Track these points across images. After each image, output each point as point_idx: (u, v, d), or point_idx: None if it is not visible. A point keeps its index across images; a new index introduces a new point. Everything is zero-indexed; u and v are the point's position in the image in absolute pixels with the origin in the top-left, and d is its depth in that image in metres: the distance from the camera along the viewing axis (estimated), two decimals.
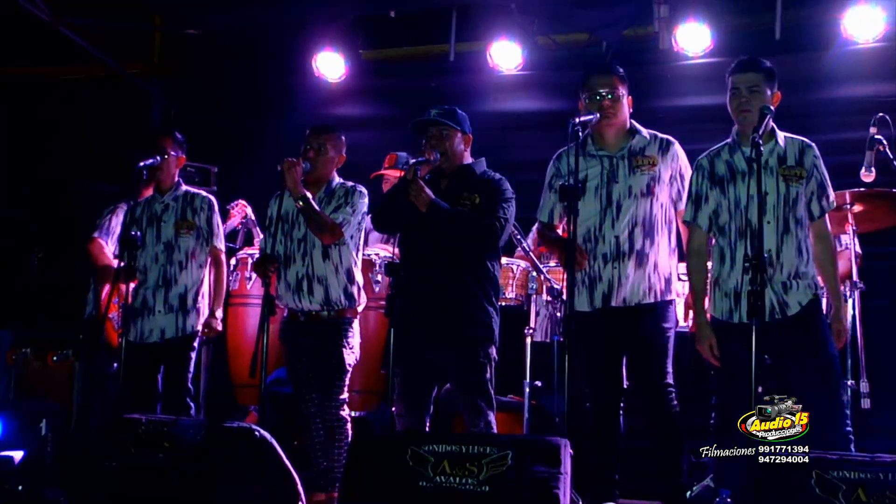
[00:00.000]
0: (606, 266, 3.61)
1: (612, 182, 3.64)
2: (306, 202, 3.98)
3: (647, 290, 3.60)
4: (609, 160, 3.67)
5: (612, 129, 3.67)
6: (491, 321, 3.81)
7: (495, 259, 3.88)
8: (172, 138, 4.52)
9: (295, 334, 4.15)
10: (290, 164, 3.98)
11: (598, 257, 3.61)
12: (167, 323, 4.36)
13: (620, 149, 3.67)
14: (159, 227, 4.46)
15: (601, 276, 3.61)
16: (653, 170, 3.64)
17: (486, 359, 3.79)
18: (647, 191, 3.62)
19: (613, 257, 3.60)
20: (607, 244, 3.61)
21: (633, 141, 3.68)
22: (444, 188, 3.86)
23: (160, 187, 4.52)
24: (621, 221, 3.60)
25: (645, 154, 3.65)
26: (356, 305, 4.16)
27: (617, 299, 3.60)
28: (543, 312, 5.01)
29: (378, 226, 4.04)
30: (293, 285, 4.12)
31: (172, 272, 4.39)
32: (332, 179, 4.24)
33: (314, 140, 4.17)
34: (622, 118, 3.67)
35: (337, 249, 4.12)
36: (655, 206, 3.62)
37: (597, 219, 3.62)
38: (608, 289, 3.60)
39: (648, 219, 3.61)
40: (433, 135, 3.87)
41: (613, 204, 3.62)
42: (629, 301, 3.60)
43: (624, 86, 3.68)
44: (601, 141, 3.69)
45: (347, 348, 4.09)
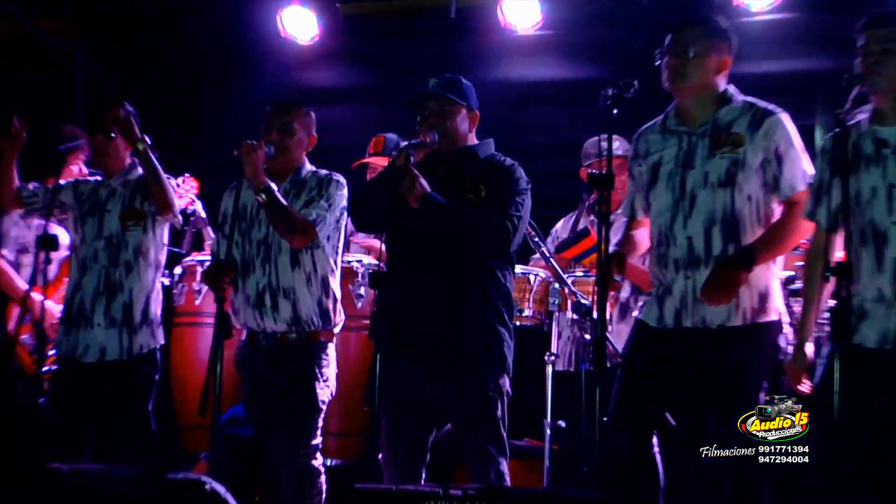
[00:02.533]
0: (678, 275, 3.57)
1: (687, 167, 3.60)
2: (270, 195, 3.99)
3: (733, 308, 3.51)
4: (688, 138, 3.62)
5: (690, 97, 3.62)
6: (502, 345, 3.82)
7: (508, 267, 3.90)
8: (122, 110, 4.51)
9: (255, 362, 4.17)
10: (250, 147, 4.00)
11: (670, 264, 3.58)
12: (108, 340, 4.37)
13: (703, 123, 3.61)
14: (102, 217, 4.47)
15: (671, 289, 3.58)
16: (736, 152, 3.54)
17: (497, 393, 3.80)
18: (726, 179, 3.54)
19: (686, 264, 3.56)
20: (678, 247, 3.57)
21: (721, 113, 3.61)
22: (442, 177, 3.88)
23: (107, 171, 4.54)
24: (695, 218, 3.56)
25: (731, 131, 3.58)
26: (333, 326, 4.18)
27: (692, 318, 3.54)
28: (568, 334, 5.03)
29: (357, 223, 4.06)
30: (253, 300, 4.13)
31: (118, 277, 4.40)
32: (302, 167, 4.25)
33: (278, 118, 4.19)
34: (700, 82, 3.59)
35: (309, 254, 4.13)
36: (739, 198, 3.53)
37: (668, 215, 3.59)
38: (681, 304, 3.55)
39: (730, 215, 3.53)
40: (431, 111, 3.88)
41: (687, 196, 3.58)
42: (710, 321, 3.52)
43: (710, 42, 3.60)
44: (683, 113, 3.65)
45: (321, 380, 4.11)
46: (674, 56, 3.58)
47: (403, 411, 3.82)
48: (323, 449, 4.16)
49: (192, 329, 5.08)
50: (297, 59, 6.30)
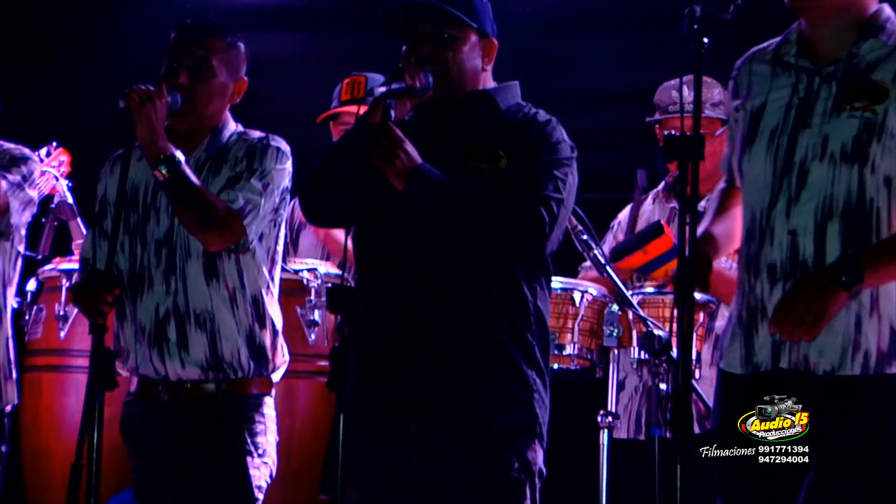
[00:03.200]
0: (775, 289, 3.56)
1: (800, 124, 3.59)
2: (175, 169, 4.02)
3: (850, 348, 3.51)
4: (808, 79, 3.62)
5: (825, 18, 3.60)
6: (532, 398, 3.84)
7: (540, 279, 3.92)
8: None
9: (152, 427, 4.20)
10: (145, 96, 4.03)
11: (763, 270, 3.59)
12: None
13: (834, 60, 3.61)
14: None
15: (766, 310, 3.57)
16: (872, 110, 3.54)
17: (525, 472, 3.81)
18: (854, 150, 3.52)
19: (786, 273, 3.56)
20: (776, 246, 3.58)
21: (863, 47, 3.60)
22: (440, 138, 3.92)
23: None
24: (804, 205, 3.56)
25: (871, 77, 3.58)
26: (270, 370, 4.22)
27: (791, 356, 3.55)
28: (634, 384, 5.03)
29: (310, 211, 4.08)
30: (149, 331, 4.17)
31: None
32: (224, 126, 4.31)
33: (188, 51, 4.23)
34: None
35: (233, 261, 4.17)
36: (871, 182, 3.53)
37: (766, 194, 3.59)
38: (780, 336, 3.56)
39: (856, 206, 3.53)
40: (423, 35, 3.90)
41: (794, 168, 3.58)
42: (817, 366, 3.52)
43: None
44: (808, 41, 3.64)
45: (255, 455, 4.14)
46: None
47: (381, 500, 3.84)
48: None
49: (54, 375, 5.16)
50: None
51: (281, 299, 4.34)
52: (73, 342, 5.05)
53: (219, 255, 4.15)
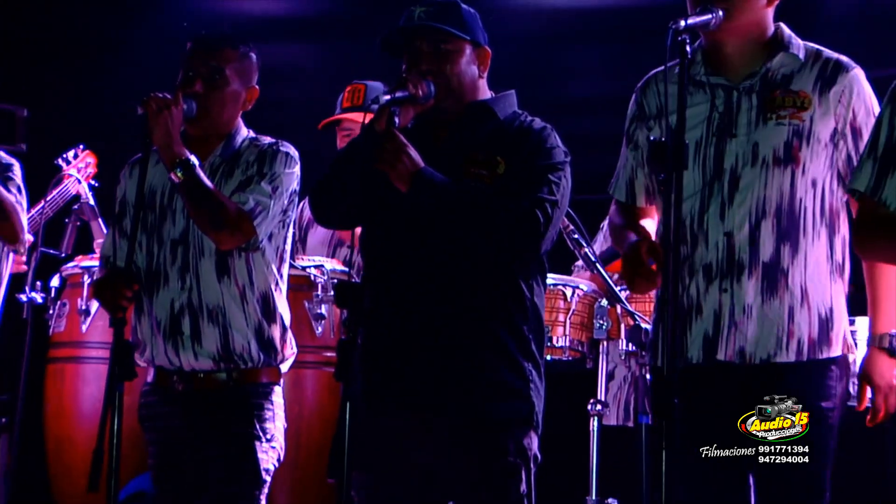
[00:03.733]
0: (711, 288, 3.61)
1: (726, 135, 3.64)
2: (189, 172, 4.02)
3: (784, 337, 3.58)
4: (726, 94, 3.67)
5: (735, 39, 3.66)
6: (528, 388, 3.84)
7: (536, 276, 3.92)
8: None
9: (168, 414, 4.20)
10: (162, 104, 4.03)
11: (699, 271, 3.63)
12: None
13: (749, 74, 3.67)
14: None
15: (702, 307, 3.62)
16: (799, 117, 3.61)
17: (521, 457, 3.82)
18: (787, 155, 3.59)
19: (722, 272, 3.60)
20: (711, 248, 3.62)
21: (774, 62, 3.67)
22: (441, 145, 3.91)
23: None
24: (737, 208, 3.60)
25: (790, 87, 3.64)
26: (279, 361, 4.22)
27: (727, 350, 3.60)
28: (623, 374, 5.04)
29: (318, 213, 4.07)
30: (164, 325, 4.16)
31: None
32: (237, 132, 4.30)
33: (203, 61, 4.23)
34: (754, 18, 3.65)
35: (243, 260, 4.17)
36: (801, 183, 3.60)
37: (696, 201, 3.63)
38: (713, 329, 3.61)
39: (788, 207, 3.60)
40: (422, 53, 3.90)
41: (725, 175, 3.62)
42: (751, 355, 3.58)
43: None
44: (719, 59, 3.70)
45: (264, 440, 4.14)
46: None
47: (385, 485, 3.85)
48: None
49: (76, 366, 5.15)
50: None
51: (290, 294, 4.34)
52: (94, 335, 5.05)
53: (230, 253, 4.14)
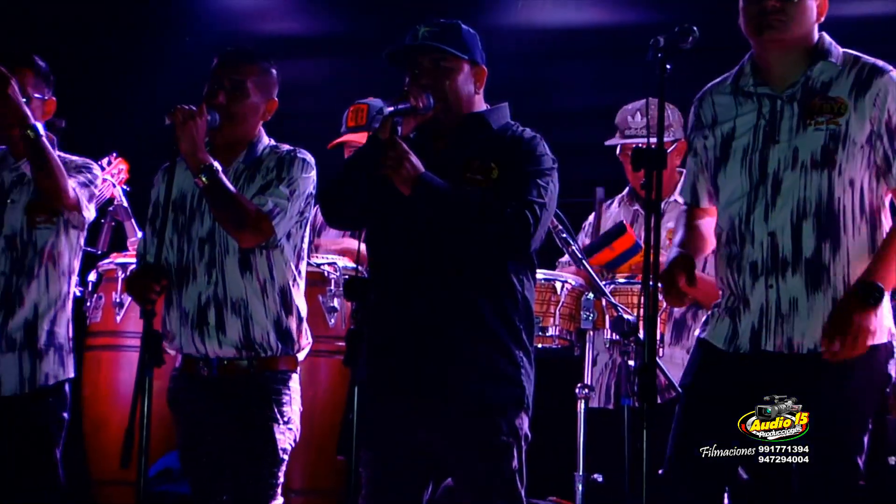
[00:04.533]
0: (758, 283, 3.58)
1: (770, 141, 3.60)
2: (213, 177, 4.02)
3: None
4: (771, 103, 3.63)
5: (779, 50, 3.61)
6: (519, 373, 3.84)
7: (526, 271, 3.91)
8: (33, 70, 4.53)
9: (195, 398, 4.19)
10: (187, 115, 4.03)
11: (745, 268, 3.59)
12: (6, 368, 4.43)
13: (791, 84, 3.61)
14: (3, 209, 4.53)
15: (748, 301, 3.59)
16: (835, 122, 3.54)
17: (513, 436, 3.81)
18: (823, 158, 3.54)
19: (768, 269, 3.56)
20: (757, 247, 3.58)
21: (815, 70, 3.61)
22: (440, 153, 3.90)
23: (14, 150, 4.57)
24: (780, 209, 3.57)
25: (829, 94, 3.58)
26: (296, 350, 4.22)
27: (774, 340, 3.56)
28: (606, 360, 5.04)
29: (330, 216, 4.07)
30: (192, 316, 4.16)
31: (19, 286, 4.46)
32: (258, 141, 4.29)
33: (226, 75, 4.22)
34: (800, 31, 3.58)
35: (264, 257, 4.16)
36: (838, 184, 3.54)
37: (743, 203, 3.60)
38: (760, 321, 3.57)
39: (826, 207, 3.54)
40: (423, 68, 3.90)
41: (769, 179, 3.58)
42: (798, 345, 3.54)
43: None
44: (765, 70, 3.65)
45: (282, 422, 4.13)
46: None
47: (389, 461, 3.84)
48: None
49: (111, 354, 5.16)
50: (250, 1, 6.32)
51: (306, 289, 4.32)
52: (127, 325, 5.04)
53: (252, 251, 4.13)
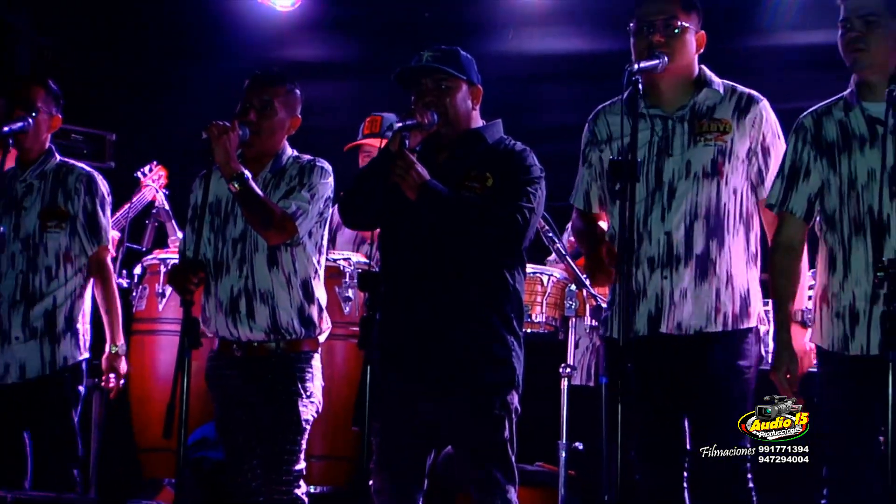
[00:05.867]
0: (653, 275, 3.63)
1: (665, 155, 3.66)
2: (244, 184, 4.02)
3: (712, 313, 3.60)
4: (663, 123, 3.69)
5: (668, 79, 3.67)
6: (511, 356, 3.84)
7: (517, 266, 3.91)
8: (45, 88, 4.55)
9: (228, 375, 4.19)
10: (222, 130, 4.02)
11: (643, 262, 3.63)
12: (28, 354, 4.42)
13: (680, 107, 3.68)
14: (18, 216, 4.51)
15: (646, 291, 3.63)
16: (722, 139, 3.64)
17: (505, 410, 3.82)
18: (713, 170, 3.62)
19: (663, 263, 3.62)
20: (654, 244, 3.63)
21: (700, 96, 3.69)
22: (442, 163, 3.90)
23: (23, 158, 4.56)
24: (675, 212, 3.62)
25: (714, 116, 3.66)
26: (317, 334, 4.20)
27: (668, 324, 3.62)
28: (586, 343, 5.05)
29: (346, 218, 4.07)
30: (226, 304, 4.15)
31: (37, 283, 4.45)
32: (283, 152, 4.28)
33: (256, 95, 4.21)
34: (683, 62, 3.66)
35: (289, 253, 4.15)
36: (725, 192, 3.63)
37: (641, 207, 3.62)
38: (655, 308, 3.63)
39: (714, 210, 3.62)
40: (427, 89, 3.90)
41: (664, 187, 3.64)
42: (686, 327, 3.60)
43: (690, 15, 3.67)
44: (655, 95, 3.70)
45: (305, 396, 4.12)
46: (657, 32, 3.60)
47: (397, 431, 3.84)
48: (306, 475, 4.18)
49: (154, 337, 5.11)
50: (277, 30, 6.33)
51: (324, 281, 4.31)
52: (169, 313, 4.99)
53: (278, 248, 4.12)
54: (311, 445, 4.27)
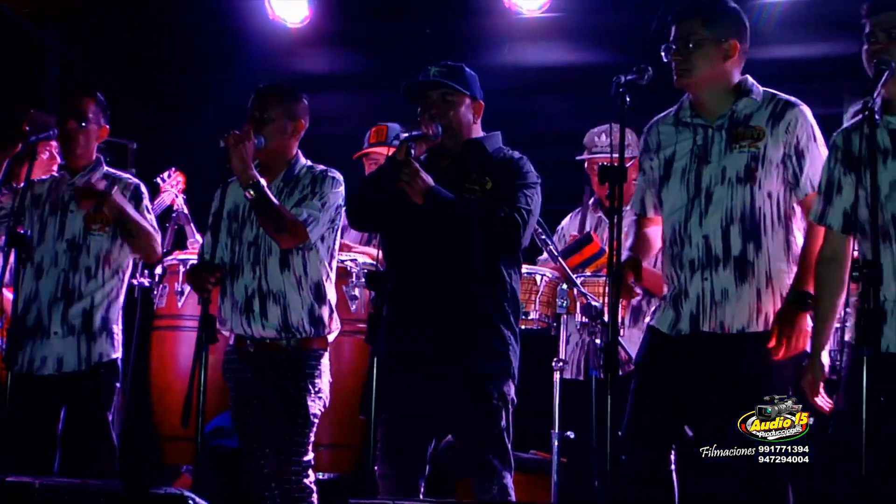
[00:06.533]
0: (695, 277, 3.58)
1: (703, 162, 3.61)
2: (259, 191, 4.02)
3: (754, 313, 3.54)
4: (704, 132, 3.64)
5: (702, 90, 3.63)
6: (508, 350, 3.85)
7: (514, 266, 3.93)
8: (95, 101, 4.57)
9: (242, 369, 4.20)
10: (238, 138, 4.02)
11: (685, 265, 3.60)
12: (65, 349, 4.42)
13: (720, 116, 3.63)
14: (64, 218, 4.52)
15: (688, 292, 3.59)
16: (755, 146, 3.56)
17: (502, 401, 3.83)
18: (746, 175, 3.56)
19: (703, 265, 3.57)
20: (694, 247, 3.59)
21: (739, 105, 3.62)
22: (444, 170, 3.92)
23: (73, 164, 4.57)
24: (711, 216, 3.58)
25: (750, 123, 3.60)
26: (326, 333, 4.21)
27: (711, 322, 3.56)
28: (577, 339, 5.04)
29: (355, 221, 4.09)
30: (241, 303, 4.16)
31: (76, 281, 4.45)
32: (296, 161, 4.29)
33: (256, 107, 4.22)
34: (707, 74, 3.60)
35: (300, 256, 4.15)
36: (759, 196, 3.56)
37: (682, 213, 3.60)
38: (698, 307, 3.57)
39: (749, 214, 3.56)
40: (433, 101, 3.91)
41: (703, 192, 3.59)
42: (729, 326, 3.54)
43: (716, 29, 3.60)
44: (698, 105, 3.67)
45: (312, 393, 4.12)
46: (677, 51, 3.60)
47: (401, 422, 3.85)
48: (315, 461, 4.18)
49: (174, 333, 5.10)
50: (287, 44, 6.33)
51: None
52: (187, 310, 4.97)
53: (291, 252, 4.12)
54: (320, 434, 4.26)
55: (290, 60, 6.32)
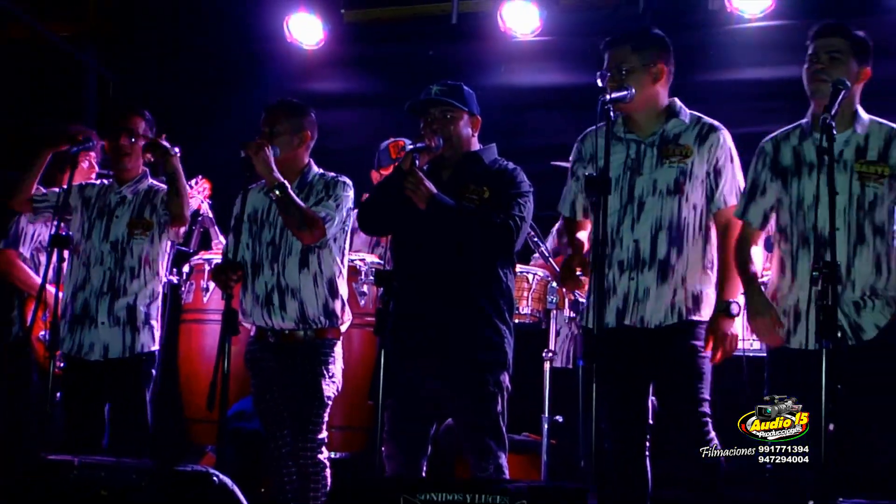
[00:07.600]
0: (623, 276, 3.64)
1: (636, 174, 3.67)
2: (284, 191, 4.03)
3: (668, 309, 3.61)
4: (637, 146, 3.70)
5: (638, 108, 3.68)
6: (503, 342, 3.85)
7: (509, 266, 3.94)
8: (144, 118, 4.61)
9: (263, 358, 4.20)
10: (257, 146, 4.04)
11: (614, 264, 3.65)
12: (111, 338, 4.43)
13: (651, 133, 3.70)
14: (110, 222, 4.54)
15: (616, 289, 3.64)
16: (684, 162, 3.65)
17: (498, 388, 3.83)
18: (675, 188, 3.64)
19: (631, 266, 3.63)
20: (625, 249, 3.64)
21: (669, 125, 3.70)
22: (446, 180, 3.92)
23: (121, 176, 4.60)
24: (643, 223, 3.64)
25: (679, 142, 3.67)
26: (339, 324, 4.21)
27: (632, 317, 3.63)
28: (565, 332, 5.05)
29: (365, 225, 4.09)
30: (262, 298, 4.16)
31: (122, 280, 4.47)
32: (309, 170, 4.29)
33: (265, 122, 4.24)
34: (643, 97, 3.65)
35: (316, 255, 4.16)
36: (685, 207, 3.64)
37: (615, 218, 3.65)
38: (623, 304, 3.63)
39: (676, 223, 3.63)
40: (434, 117, 3.93)
41: (635, 201, 3.65)
42: (648, 321, 3.62)
43: (644, 56, 3.65)
44: (631, 122, 3.72)
45: (327, 377, 4.13)
46: (610, 78, 3.63)
47: (405, 406, 3.85)
48: (328, 442, 4.18)
49: (200, 326, 5.09)
50: (303, 65, 6.35)
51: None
52: (212, 305, 4.96)
53: (309, 251, 4.12)
54: (332, 417, 4.26)
55: (306, 80, 6.33)
